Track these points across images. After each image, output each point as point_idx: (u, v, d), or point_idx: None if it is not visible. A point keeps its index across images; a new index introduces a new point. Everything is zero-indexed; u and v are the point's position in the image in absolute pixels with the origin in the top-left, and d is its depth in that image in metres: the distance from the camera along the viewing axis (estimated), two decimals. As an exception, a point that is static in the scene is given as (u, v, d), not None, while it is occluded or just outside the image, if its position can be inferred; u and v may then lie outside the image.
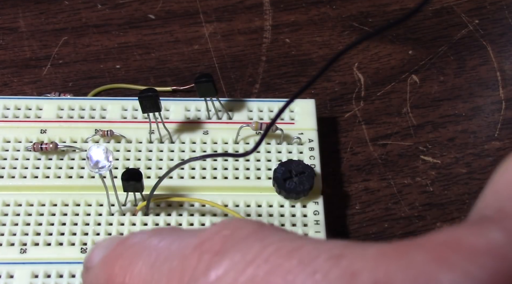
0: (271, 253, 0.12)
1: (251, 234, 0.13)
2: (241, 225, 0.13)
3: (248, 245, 0.13)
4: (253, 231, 0.13)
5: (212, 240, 0.13)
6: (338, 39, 0.37)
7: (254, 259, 0.12)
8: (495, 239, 0.11)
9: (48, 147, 0.29)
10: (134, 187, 0.27)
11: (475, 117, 0.34)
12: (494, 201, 0.12)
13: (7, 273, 0.26)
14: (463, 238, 0.11)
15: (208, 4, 0.38)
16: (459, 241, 0.11)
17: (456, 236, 0.11)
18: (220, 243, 0.13)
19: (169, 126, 0.30)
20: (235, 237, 0.13)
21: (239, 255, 0.13)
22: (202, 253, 0.13)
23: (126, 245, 0.16)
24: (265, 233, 0.13)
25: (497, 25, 0.38)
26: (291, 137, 0.30)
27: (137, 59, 0.35)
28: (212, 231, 0.14)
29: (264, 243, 0.13)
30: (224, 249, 0.13)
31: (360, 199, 0.31)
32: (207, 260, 0.13)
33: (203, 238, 0.14)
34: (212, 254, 0.13)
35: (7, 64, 0.35)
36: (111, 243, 0.16)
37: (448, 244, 0.11)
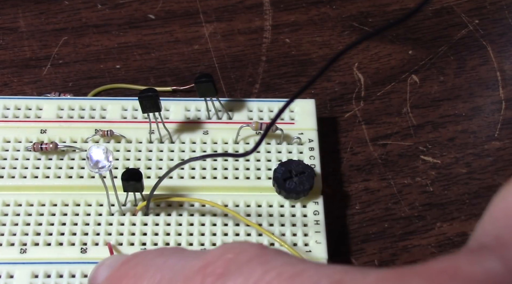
0: (273, 277, 0.12)
1: (254, 258, 0.13)
2: (244, 249, 0.14)
3: (251, 269, 0.13)
4: (256, 255, 0.13)
5: (215, 263, 0.13)
6: (338, 39, 0.37)
7: (256, 283, 0.13)
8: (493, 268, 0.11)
9: (48, 147, 0.29)
10: (134, 187, 0.27)
11: (475, 117, 0.34)
12: (492, 228, 0.12)
13: (7, 273, 0.26)
14: (461, 266, 0.11)
15: (208, 4, 0.38)
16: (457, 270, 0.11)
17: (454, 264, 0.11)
18: (223, 267, 0.13)
19: (169, 126, 0.30)
20: (238, 261, 0.13)
21: (241, 279, 0.13)
22: (205, 276, 0.13)
23: (130, 264, 0.16)
24: (267, 257, 0.13)
25: (497, 25, 0.38)
26: (291, 137, 0.30)
27: (137, 59, 0.35)
28: (215, 254, 0.14)
29: (266, 267, 0.13)
30: (227, 273, 0.13)
31: (360, 199, 0.31)
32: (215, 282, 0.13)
33: (207, 261, 0.14)
34: (215, 278, 0.13)
35: (7, 64, 0.35)
36: (115, 262, 0.16)
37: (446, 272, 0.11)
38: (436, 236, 0.29)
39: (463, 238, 0.29)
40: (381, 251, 0.29)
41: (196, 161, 0.29)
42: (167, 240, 0.27)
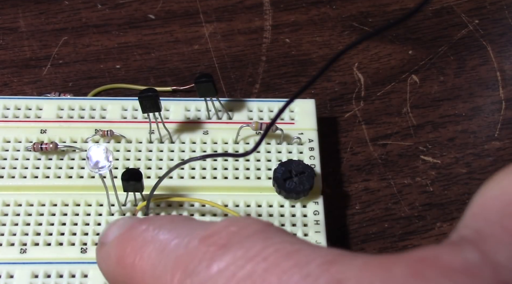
0: (270, 253, 0.13)
1: (256, 233, 0.14)
2: (248, 223, 0.14)
3: (251, 243, 0.13)
4: (259, 230, 0.14)
5: (219, 234, 0.14)
6: (338, 39, 0.37)
7: (254, 256, 0.13)
8: (470, 259, 0.12)
9: (48, 147, 0.29)
10: (134, 187, 0.27)
11: (475, 117, 0.34)
12: (472, 222, 0.13)
13: (7, 273, 0.26)
14: (440, 255, 0.12)
15: (208, 4, 0.38)
16: (437, 259, 0.12)
17: (434, 254, 0.12)
18: (226, 238, 0.14)
19: (169, 126, 0.30)
20: (240, 234, 0.14)
21: (241, 251, 0.13)
22: (208, 245, 0.14)
23: (140, 228, 0.16)
24: (269, 234, 0.14)
25: (497, 25, 0.38)
26: (291, 137, 0.30)
27: (137, 59, 0.35)
28: (220, 225, 0.14)
29: (266, 243, 0.13)
30: (228, 244, 0.14)
31: (360, 199, 0.31)
32: (212, 253, 0.14)
33: (212, 231, 0.14)
34: (217, 248, 0.14)
35: (7, 64, 0.35)
36: (126, 223, 0.17)
37: (426, 261, 0.12)
38: (436, 236, 0.29)
39: (463, 238, 0.29)
40: (381, 251, 0.29)
41: (196, 161, 0.29)
42: (167, 240, 0.27)
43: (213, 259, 0.14)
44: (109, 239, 0.17)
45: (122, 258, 0.16)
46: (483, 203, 0.13)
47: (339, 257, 0.13)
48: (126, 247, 0.16)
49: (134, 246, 0.16)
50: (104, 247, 0.17)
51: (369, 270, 0.12)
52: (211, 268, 0.13)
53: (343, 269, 0.12)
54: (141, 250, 0.15)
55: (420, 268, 0.11)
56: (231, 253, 0.13)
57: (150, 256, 0.15)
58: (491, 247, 0.12)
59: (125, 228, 0.17)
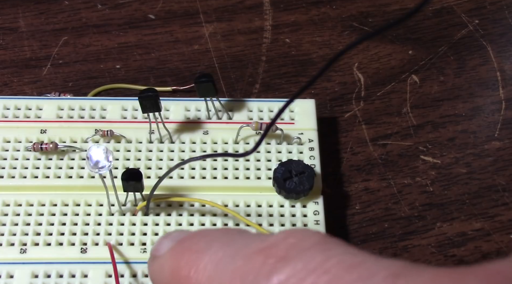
0: (333, 265, 0.13)
1: (316, 245, 0.14)
2: (307, 235, 0.14)
3: (312, 255, 0.13)
4: (318, 242, 0.14)
5: (277, 246, 0.14)
6: (338, 39, 0.37)
7: (315, 268, 0.13)
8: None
9: (48, 147, 0.29)
10: (134, 187, 0.27)
11: (475, 117, 0.34)
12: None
13: (7, 273, 0.26)
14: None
15: (208, 4, 0.38)
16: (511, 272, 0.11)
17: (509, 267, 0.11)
18: (285, 250, 0.14)
19: (169, 126, 0.30)
20: (300, 246, 0.14)
21: (301, 264, 0.13)
22: (267, 257, 0.14)
23: (194, 240, 0.16)
24: (329, 246, 0.14)
25: (497, 25, 0.38)
26: (291, 137, 0.30)
27: (137, 59, 0.35)
28: (279, 237, 0.14)
29: (327, 255, 0.13)
30: (288, 256, 0.13)
31: (360, 199, 0.31)
32: (271, 265, 0.13)
33: (270, 243, 0.14)
34: (277, 260, 0.13)
35: (7, 64, 0.35)
36: (180, 236, 0.17)
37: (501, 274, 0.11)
38: (436, 236, 0.29)
39: (463, 238, 0.29)
40: (381, 251, 0.29)
41: (196, 161, 0.29)
42: (167, 240, 0.27)
43: (273, 271, 0.13)
44: (161, 252, 0.17)
45: (176, 270, 0.16)
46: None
47: (405, 270, 0.12)
48: (180, 260, 0.16)
49: (189, 259, 0.16)
50: (157, 259, 0.17)
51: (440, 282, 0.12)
52: (271, 280, 0.13)
53: (411, 282, 0.12)
54: (197, 263, 0.15)
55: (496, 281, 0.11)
56: (291, 265, 0.13)
57: (206, 268, 0.15)
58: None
59: (178, 241, 0.16)
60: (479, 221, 0.30)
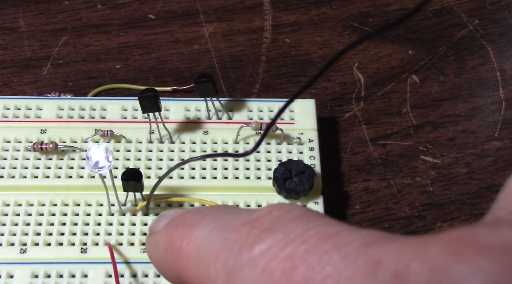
0: (311, 235, 0.14)
1: (298, 217, 0.15)
2: (291, 209, 0.15)
3: (293, 226, 0.14)
4: (300, 215, 0.15)
5: (262, 219, 0.15)
6: (338, 39, 0.37)
7: (295, 238, 0.14)
8: (507, 238, 0.12)
9: (48, 147, 0.29)
10: (134, 187, 0.27)
11: (475, 117, 0.34)
12: (506, 203, 0.13)
13: (7, 273, 0.26)
14: (477, 235, 0.12)
15: (208, 4, 0.38)
16: (473, 237, 0.12)
17: (471, 233, 0.12)
18: (269, 222, 0.15)
19: (169, 126, 0.30)
20: (283, 218, 0.15)
21: (283, 234, 0.14)
22: (251, 228, 0.15)
23: (188, 215, 0.17)
24: (310, 218, 0.14)
25: (497, 25, 0.38)
26: (291, 137, 0.30)
27: (137, 59, 0.35)
28: (264, 211, 0.15)
29: (307, 226, 0.14)
30: (271, 228, 0.14)
31: (360, 199, 0.31)
32: (255, 235, 0.14)
33: (255, 216, 0.15)
34: (261, 230, 0.14)
35: (7, 64, 0.35)
36: (176, 213, 0.18)
37: (463, 239, 0.12)
38: (436, 236, 0.29)
39: (463, 238, 0.29)
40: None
41: (196, 161, 0.29)
42: (167, 240, 0.27)
43: (256, 241, 0.14)
44: (158, 228, 0.18)
45: (170, 243, 0.17)
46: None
47: (378, 239, 0.13)
48: (174, 233, 0.17)
49: (181, 232, 0.17)
50: (153, 235, 0.18)
51: (406, 250, 0.12)
52: (254, 249, 0.14)
53: (381, 250, 0.12)
54: (188, 235, 0.16)
55: (457, 246, 0.12)
56: (273, 235, 0.14)
57: (196, 241, 0.16)
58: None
59: (175, 217, 0.17)
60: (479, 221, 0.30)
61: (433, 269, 0.11)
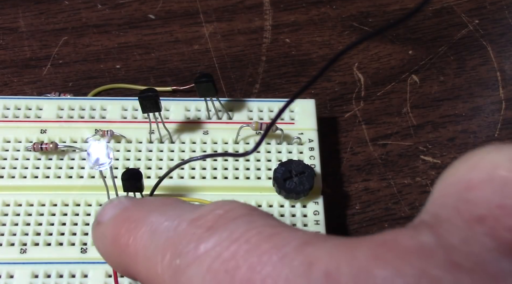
0: (253, 235, 0.14)
1: (241, 216, 0.15)
2: (234, 207, 0.15)
3: (236, 226, 0.14)
4: (243, 214, 0.15)
5: (206, 217, 0.15)
6: (338, 39, 0.37)
7: (238, 238, 0.14)
8: (425, 241, 0.12)
9: (48, 147, 0.29)
10: (134, 187, 0.27)
11: (475, 117, 0.34)
12: (431, 207, 0.14)
13: (7, 273, 0.26)
14: (399, 239, 0.13)
15: (208, 4, 0.38)
16: (395, 242, 0.12)
17: (393, 237, 0.13)
18: (212, 221, 0.15)
19: (169, 126, 0.30)
20: (226, 217, 0.15)
21: (226, 233, 0.14)
22: (196, 227, 0.15)
23: (134, 209, 0.17)
24: (253, 218, 0.15)
25: (497, 25, 0.38)
26: (291, 137, 0.30)
27: (137, 59, 0.35)
28: (207, 209, 0.15)
29: (250, 226, 0.14)
30: (215, 226, 0.15)
31: (360, 199, 0.31)
32: (199, 234, 0.15)
33: (199, 214, 0.15)
34: (204, 230, 0.15)
35: (7, 64, 0.35)
36: (122, 204, 0.18)
37: (386, 244, 0.13)
38: (436, 236, 0.29)
39: (463, 238, 0.29)
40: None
41: (196, 161, 0.29)
42: (167, 240, 0.27)
43: (201, 240, 0.14)
44: (105, 218, 0.18)
45: (117, 238, 0.17)
46: (441, 190, 0.14)
47: (313, 239, 0.14)
48: (120, 228, 0.17)
49: (128, 227, 0.17)
50: (100, 226, 0.18)
51: (337, 252, 0.13)
52: (199, 248, 0.14)
53: (316, 250, 0.13)
54: (134, 231, 0.16)
55: (380, 251, 0.12)
56: (217, 234, 0.14)
57: (142, 238, 0.16)
58: (446, 230, 0.13)
59: (120, 209, 0.18)
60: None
61: (359, 272, 0.12)
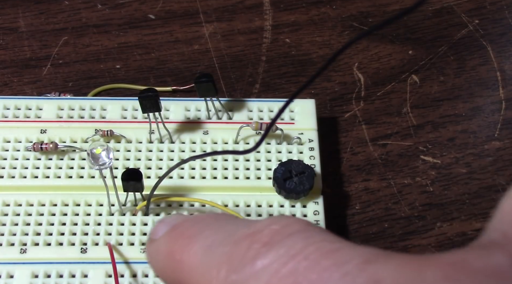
0: (312, 251, 0.14)
1: (297, 232, 0.15)
2: (290, 222, 0.15)
3: (293, 242, 0.14)
4: (300, 229, 0.15)
5: (262, 232, 0.15)
6: (338, 39, 0.37)
7: (296, 254, 0.14)
8: (499, 262, 0.12)
9: (48, 147, 0.29)
10: (134, 187, 0.27)
11: (475, 117, 0.34)
12: (499, 225, 0.13)
13: (7, 273, 0.26)
14: (470, 259, 0.12)
15: (208, 4, 0.38)
16: (467, 262, 0.12)
17: (464, 258, 0.12)
18: (269, 236, 0.15)
19: (169, 126, 0.30)
20: (282, 233, 0.15)
21: (284, 249, 0.14)
22: (252, 242, 0.15)
23: (187, 225, 0.17)
24: (309, 233, 0.14)
25: (497, 25, 0.38)
26: (291, 137, 0.30)
27: (137, 59, 0.35)
28: (263, 224, 0.15)
29: (308, 242, 0.14)
30: (271, 242, 0.14)
31: (360, 199, 0.31)
32: (256, 250, 0.14)
33: (255, 230, 0.15)
34: (261, 245, 0.14)
35: (7, 64, 0.35)
36: (175, 220, 0.18)
37: (457, 264, 0.12)
38: (436, 236, 0.29)
39: (463, 238, 0.29)
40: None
41: (196, 161, 0.29)
42: (167, 240, 0.27)
43: (257, 256, 0.14)
44: (158, 235, 0.18)
45: (171, 254, 0.17)
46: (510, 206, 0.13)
47: (376, 256, 0.13)
48: (174, 244, 0.17)
49: (181, 243, 0.17)
50: (154, 243, 0.18)
51: (403, 271, 0.12)
52: (255, 264, 0.14)
53: (380, 269, 0.13)
54: (189, 247, 0.16)
55: (451, 272, 0.12)
56: (274, 250, 0.14)
57: (197, 253, 0.16)
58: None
59: (173, 225, 0.17)
60: (479, 221, 0.30)
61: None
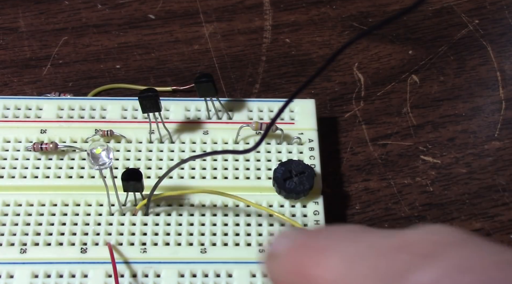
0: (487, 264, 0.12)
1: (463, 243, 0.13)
2: (450, 232, 0.14)
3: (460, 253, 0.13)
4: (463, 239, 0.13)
5: (418, 244, 0.13)
6: (338, 39, 0.37)
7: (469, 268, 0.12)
8: None
9: (48, 147, 0.29)
10: (134, 187, 0.27)
11: (475, 117, 0.34)
12: None
13: (7, 273, 0.26)
14: None
15: (208, 4, 0.38)
16: None
17: None
18: (427, 248, 0.13)
19: (169, 126, 0.30)
20: (444, 243, 0.13)
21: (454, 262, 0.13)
22: (407, 254, 0.13)
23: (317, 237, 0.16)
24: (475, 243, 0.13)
25: (497, 25, 0.38)
26: (291, 137, 0.30)
27: (137, 59, 0.35)
28: (416, 234, 0.14)
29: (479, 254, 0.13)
30: (432, 254, 0.13)
31: (360, 199, 0.31)
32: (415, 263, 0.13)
33: (409, 241, 0.14)
34: (420, 257, 0.13)
35: (7, 64, 0.35)
36: (297, 234, 0.16)
37: None
38: (436, 236, 0.29)
39: (463, 238, 0.29)
40: (381, 251, 0.29)
41: (196, 161, 0.29)
42: (167, 240, 0.27)
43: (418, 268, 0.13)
44: (279, 250, 0.16)
45: (298, 268, 0.15)
46: None
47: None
48: (303, 257, 0.15)
49: (313, 256, 0.15)
50: (276, 258, 0.16)
51: None
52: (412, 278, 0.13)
53: None
54: (323, 260, 0.15)
55: None
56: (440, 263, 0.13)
57: (338, 267, 0.14)
58: None
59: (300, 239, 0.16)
60: (479, 221, 0.30)
61: None
